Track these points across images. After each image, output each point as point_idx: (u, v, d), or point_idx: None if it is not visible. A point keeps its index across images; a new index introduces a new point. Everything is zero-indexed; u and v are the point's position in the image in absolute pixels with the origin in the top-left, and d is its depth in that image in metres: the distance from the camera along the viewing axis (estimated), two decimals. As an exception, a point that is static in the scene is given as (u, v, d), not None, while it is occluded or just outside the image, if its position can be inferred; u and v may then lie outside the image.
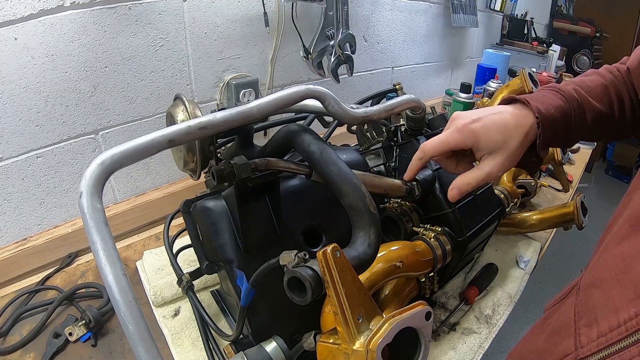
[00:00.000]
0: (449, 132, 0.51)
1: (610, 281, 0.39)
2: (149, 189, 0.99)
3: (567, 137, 0.52)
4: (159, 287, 0.72)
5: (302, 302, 0.38)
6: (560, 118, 0.51)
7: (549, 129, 0.49)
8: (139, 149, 0.39)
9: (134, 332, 0.34)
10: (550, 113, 0.50)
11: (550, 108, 0.50)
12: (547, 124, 0.49)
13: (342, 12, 1.06)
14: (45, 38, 0.73)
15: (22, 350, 0.64)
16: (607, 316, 0.37)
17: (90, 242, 0.35)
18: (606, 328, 0.37)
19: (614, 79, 0.54)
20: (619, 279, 0.38)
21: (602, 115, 0.52)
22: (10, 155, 0.76)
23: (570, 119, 0.51)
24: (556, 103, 0.51)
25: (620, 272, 0.38)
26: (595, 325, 0.38)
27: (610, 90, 0.53)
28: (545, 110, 0.50)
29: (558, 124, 0.50)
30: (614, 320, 0.36)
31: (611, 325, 0.36)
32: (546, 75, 1.41)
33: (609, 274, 0.39)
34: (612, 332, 0.36)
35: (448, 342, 0.69)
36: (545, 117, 0.49)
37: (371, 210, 0.45)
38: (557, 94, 0.52)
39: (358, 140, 0.89)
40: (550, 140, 0.51)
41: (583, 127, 0.52)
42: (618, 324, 0.35)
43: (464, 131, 0.50)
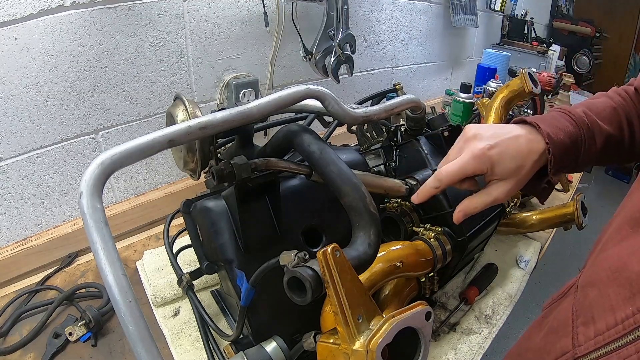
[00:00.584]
0: (466, 159, 0.49)
1: (606, 280, 0.39)
2: (149, 189, 0.99)
3: (576, 162, 0.51)
4: (159, 287, 0.72)
5: (302, 302, 0.38)
6: (570, 144, 0.50)
7: (559, 155, 0.49)
8: (139, 149, 0.39)
9: (134, 332, 0.34)
10: (560, 139, 0.49)
11: (560, 133, 0.50)
12: (558, 150, 0.49)
13: (342, 12, 1.06)
14: (45, 38, 0.73)
15: (22, 350, 0.64)
16: (604, 315, 0.37)
17: (90, 242, 0.35)
18: (603, 326, 0.37)
19: (623, 101, 0.54)
20: (615, 277, 0.38)
21: (611, 138, 0.52)
22: (10, 155, 0.76)
23: (579, 145, 0.51)
24: (566, 128, 0.51)
25: (616, 270, 0.38)
26: (592, 323, 0.38)
27: (620, 112, 0.53)
28: (555, 135, 0.49)
29: (569, 149, 0.50)
30: (611, 318, 0.36)
31: (608, 324, 0.36)
32: (546, 75, 1.41)
33: (606, 273, 0.39)
34: (610, 330, 0.36)
35: (448, 342, 0.69)
36: (555, 144, 0.49)
37: (371, 210, 0.45)
38: (567, 117, 0.52)
39: (358, 140, 0.89)
40: (561, 166, 0.50)
41: (592, 151, 0.51)
42: (615, 323, 0.36)
43: (482, 158, 0.48)
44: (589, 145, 0.51)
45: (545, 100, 1.38)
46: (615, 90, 0.56)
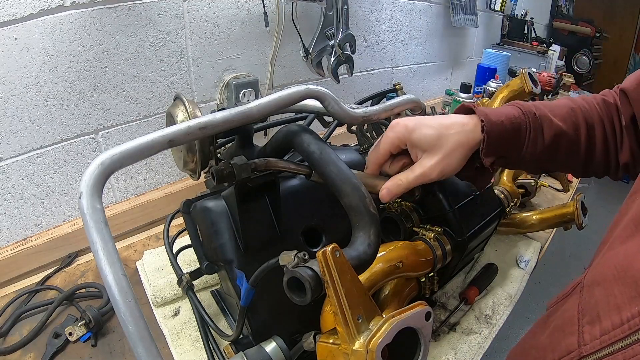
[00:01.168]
0: (385, 135, 0.50)
1: (612, 279, 0.39)
2: (149, 189, 0.99)
3: (518, 152, 0.49)
4: (159, 287, 0.72)
5: (302, 302, 0.38)
6: (510, 128, 0.48)
7: (495, 135, 0.47)
8: (139, 149, 0.39)
9: (134, 332, 0.34)
10: (499, 120, 0.47)
11: (501, 116, 0.48)
12: (493, 129, 0.47)
13: (342, 12, 1.06)
14: (45, 38, 0.73)
15: (22, 350, 0.64)
16: (610, 314, 0.37)
17: (90, 242, 0.35)
18: (609, 326, 0.37)
19: (586, 105, 0.52)
20: (621, 276, 0.38)
21: (563, 135, 0.49)
22: (10, 155, 0.76)
23: (523, 133, 0.48)
24: (509, 113, 0.49)
25: (622, 269, 0.38)
26: (598, 323, 0.38)
27: (578, 113, 0.51)
28: (494, 117, 0.47)
29: (508, 133, 0.48)
30: (617, 318, 0.36)
31: (614, 323, 0.36)
32: (546, 75, 1.41)
33: (611, 271, 0.39)
34: (615, 330, 0.36)
35: (448, 342, 0.69)
36: (491, 123, 0.47)
37: (371, 211, 0.45)
38: (515, 106, 0.51)
39: (358, 140, 0.89)
40: (497, 148, 0.48)
41: (539, 144, 0.49)
42: (621, 322, 0.36)
43: (397, 128, 0.48)
44: (535, 136, 0.49)
45: (545, 100, 1.38)
46: (583, 96, 0.54)
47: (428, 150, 0.47)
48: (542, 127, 0.49)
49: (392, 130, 0.49)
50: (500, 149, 0.48)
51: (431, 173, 0.48)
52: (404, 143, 0.49)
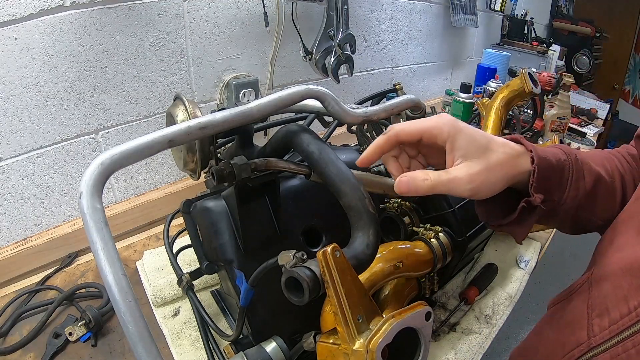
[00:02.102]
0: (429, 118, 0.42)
1: (620, 272, 0.40)
2: (149, 189, 0.99)
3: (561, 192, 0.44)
4: (159, 287, 0.72)
5: (300, 302, 0.38)
6: (556, 166, 0.43)
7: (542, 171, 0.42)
8: (139, 149, 0.39)
9: (134, 332, 0.34)
10: (545, 156, 0.43)
11: (547, 154, 0.44)
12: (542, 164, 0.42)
13: (342, 12, 1.06)
14: (45, 38, 0.73)
15: (22, 350, 0.64)
16: (618, 305, 0.38)
17: (90, 242, 0.35)
18: (617, 316, 0.37)
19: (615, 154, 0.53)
20: (628, 269, 0.38)
21: (602, 181, 0.47)
22: (10, 155, 0.76)
23: (567, 173, 0.44)
24: (554, 152, 0.45)
25: (630, 263, 0.39)
26: (607, 314, 0.39)
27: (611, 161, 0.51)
28: (540, 151, 0.43)
29: (554, 170, 0.43)
30: (624, 307, 0.37)
31: (622, 313, 0.37)
32: (546, 75, 1.41)
33: (619, 266, 0.40)
34: (623, 318, 0.37)
35: (448, 342, 0.69)
36: (539, 156, 0.42)
37: (370, 211, 0.45)
38: (557, 148, 0.47)
39: (358, 140, 0.89)
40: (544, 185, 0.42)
41: (581, 187, 0.45)
42: (629, 311, 0.36)
43: (445, 118, 0.41)
44: (577, 178, 0.45)
45: (545, 100, 1.38)
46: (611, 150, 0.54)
47: (470, 159, 0.40)
48: (584, 171, 0.45)
49: (440, 117, 0.41)
50: (546, 188, 0.42)
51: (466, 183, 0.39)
52: (444, 140, 0.40)
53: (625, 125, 3.12)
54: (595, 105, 2.00)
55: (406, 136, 0.42)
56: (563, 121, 1.44)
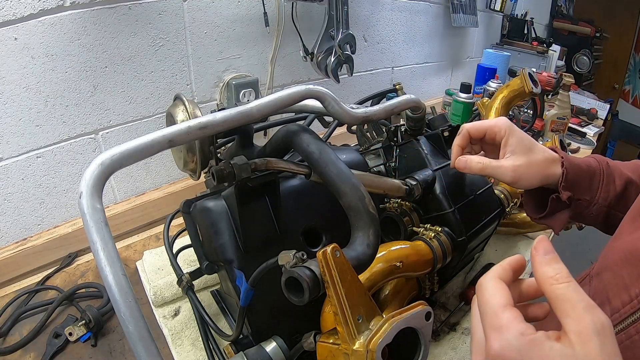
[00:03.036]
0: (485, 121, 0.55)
1: (619, 262, 0.40)
2: (149, 189, 0.99)
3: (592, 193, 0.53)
4: (159, 287, 0.72)
5: (300, 302, 0.38)
6: (585, 170, 0.53)
7: (572, 173, 0.52)
8: (139, 149, 0.39)
9: (134, 332, 0.34)
10: (575, 162, 0.53)
11: (578, 160, 0.54)
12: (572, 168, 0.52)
13: (342, 12, 1.06)
14: (45, 38, 0.73)
15: (22, 350, 0.64)
16: (619, 294, 0.38)
17: (90, 242, 0.35)
18: (619, 304, 0.38)
19: None
20: (628, 258, 0.39)
21: (633, 183, 0.54)
22: (10, 155, 0.76)
23: (597, 177, 0.53)
24: (585, 159, 0.55)
25: (629, 253, 0.39)
26: (608, 304, 0.39)
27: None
28: (572, 158, 0.54)
29: (583, 173, 0.53)
30: (625, 296, 0.37)
31: (623, 301, 0.37)
32: (546, 75, 1.41)
33: (619, 256, 0.41)
34: (625, 307, 0.37)
35: (448, 342, 0.69)
36: (569, 161, 0.53)
37: (370, 211, 0.45)
38: (590, 157, 0.57)
39: (358, 140, 0.89)
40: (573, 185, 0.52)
41: (611, 190, 0.53)
42: (630, 299, 0.37)
43: (504, 120, 0.53)
44: (608, 181, 0.53)
45: (545, 100, 1.38)
46: None
47: (517, 154, 0.52)
48: (614, 175, 0.54)
49: (499, 119, 0.54)
50: (576, 188, 0.53)
51: (511, 171, 0.52)
52: (501, 137, 0.53)
53: (625, 125, 3.11)
54: (595, 105, 2.00)
55: (475, 132, 0.56)
56: (563, 121, 1.44)
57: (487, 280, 0.31)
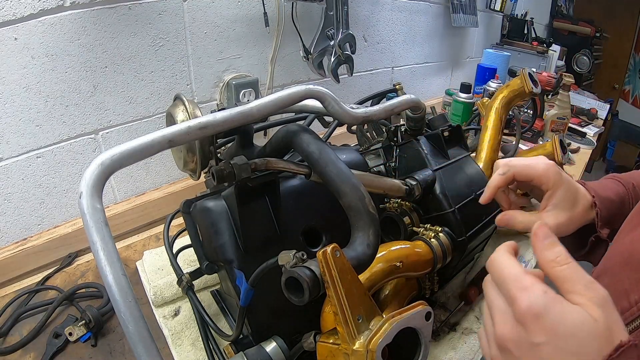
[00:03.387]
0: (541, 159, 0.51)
1: (618, 266, 0.40)
2: (149, 189, 0.99)
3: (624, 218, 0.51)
4: (159, 287, 0.72)
5: (300, 302, 0.38)
6: (617, 200, 0.53)
7: (605, 209, 0.51)
8: (139, 149, 0.39)
9: (134, 332, 0.34)
10: (606, 195, 0.52)
11: (606, 189, 0.53)
12: (603, 204, 0.51)
13: (342, 12, 1.06)
14: (45, 38, 0.73)
15: (22, 350, 0.64)
16: (619, 299, 0.38)
17: (90, 242, 0.35)
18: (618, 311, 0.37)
19: None
20: (627, 262, 0.39)
21: None
22: (10, 155, 0.76)
23: (627, 202, 0.53)
24: (613, 187, 0.54)
25: (628, 255, 0.39)
26: None
27: None
28: (602, 192, 0.52)
29: (615, 205, 0.52)
30: (625, 302, 0.37)
31: (623, 308, 0.37)
32: (546, 75, 1.41)
33: (618, 259, 0.41)
34: (624, 314, 0.36)
35: (448, 342, 0.69)
36: (600, 198, 0.51)
37: (370, 211, 0.45)
38: (614, 180, 0.56)
39: (358, 140, 0.89)
40: (609, 220, 0.51)
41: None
42: (629, 306, 0.36)
43: (554, 169, 0.50)
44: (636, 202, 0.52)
45: (545, 100, 1.38)
46: None
47: (560, 209, 0.50)
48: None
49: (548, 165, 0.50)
50: (610, 222, 0.52)
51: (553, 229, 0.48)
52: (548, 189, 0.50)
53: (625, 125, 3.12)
54: (595, 105, 2.00)
55: (521, 178, 0.51)
56: (563, 121, 1.44)
57: (501, 255, 0.34)
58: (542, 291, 0.30)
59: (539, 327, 0.29)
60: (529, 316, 0.29)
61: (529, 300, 0.29)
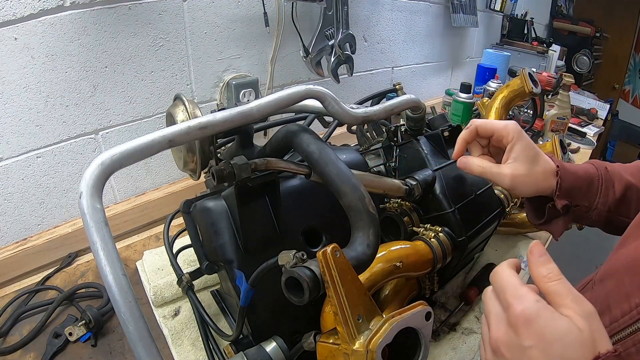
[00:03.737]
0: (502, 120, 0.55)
1: (622, 270, 0.40)
2: (149, 189, 0.99)
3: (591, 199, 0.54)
4: (159, 287, 0.72)
5: (300, 302, 0.38)
6: (584, 177, 0.54)
7: (568, 181, 0.53)
8: (139, 149, 0.39)
9: (134, 332, 0.34)
10: (573, 169, 0.54)
11: (575, 167, 0.55)
12: (567, 175, 0.53)
13: (342, 12, 1.06)
14: (45, 38, 0.73)
15: (22, 350, 0.64)
16: (619, 303, 0.38)
17: (90, 242, 0.35)
18: (618, 314, 0.38)
19: None
20: (631, 266, 0.39)
21: (633, 187, 0.54)
22: (10, 155, 0.76)
23: (596, 184, 0.54)
24: (584, 166, 0.56)
25: (632, 260, 0.40)
26: (608, 312, 0.39)
27: None
28: (569, 166, 0.54)
29: (580, 180, 0.54)
30: (626, 306, 0.37)
31: (623, 311, 0.37)
32: (546, 75, 1.41)
33: (622, 263, 0.41)
34: (624, 317, 0.37)
35: (448, 342, 0.69)
36: (565, 170, 0.53)
37: (370, 211, 0.45)
38: (589, 163, 0.57)
39: (358, 140, 0.89)
40: (570, 193, 0.53)
41: (610, 195, 0.54)
42: (630, 309, 0.37)
43: (515, 126, 0.54)
44: (607, 187, 0.54)
45: (545, 100, 1.38)
46: None
47: (519, 162, 0.53)
48: (613, 181, 0.54)
49: (510, 124, 0.54)
50: (573, 195, 0.54)
51: (510, 178, 0.53)
52: (507, 141, 0.54)
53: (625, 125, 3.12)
54: (595, 105, 2.00)
55: (483, 130, 0.55)
56: (563, 121, 1.44)
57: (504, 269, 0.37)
58: (534, 300, 0.32)
59: (529, 332, 0.31)
60: (521, 321, 0.32)
61: (522, 306, 0.32)
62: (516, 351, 0.32)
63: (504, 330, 0.33)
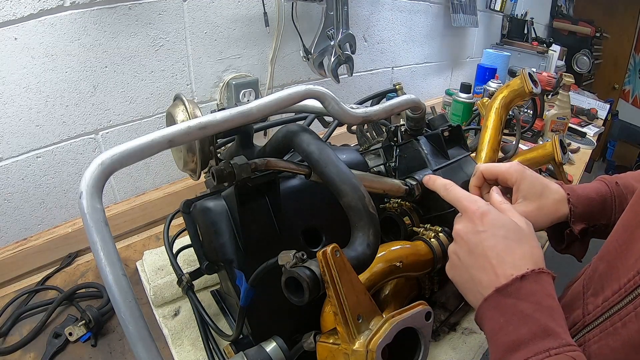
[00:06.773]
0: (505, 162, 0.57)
1: (614, 252, 0.42)
2: (149, 189, 0.99)
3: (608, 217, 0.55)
4: (159, 287, 0.72)
5: (300, 302, 0.38)
6: (596, 198, 0.55)
7: (580, 204, 0.54)
8: (139, 149, 0.39)
9: (134, 332, 0.34)
10: (584, 192, 0.56)
11: (586, 188, 0.56)
12: (579, 200, 0.54)
13: (342, 12, 1.06)
14: (45, 38, 0.73)
15: (22, 350, 0.64)
16: (611, 283, 0.40)
17: (90, 242, 0.35)
18: (609, 293, 0.40)
19: None
20: (622, 249, 0.41)
21: None
22: (10, 155, 0.76)
23: (607, 199, 0.55)
24: (594, 186, 0.57)
25: (623, 242, 0.41)
26: (601, 293, 0.41)
27: None
28: (579, 190, 0.56)
29: (594, 202, 0.55)
30: (616, 285, 0.39)
31: (614, 290, 0.39)
32: (546, 75, 1.41)
33: (614, 246, 0.43)
34: (614, 295, 0.39)
35: (448, 342, 0.69)
36: (576, 195, 0.55)
37: (370, 211, 0.45)
38: (599, 181, 0.58)
39: (358, 140, 0.89)
40: (585, 217, 0.54)
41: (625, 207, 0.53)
42: (619, 287, 0.39)
43: (517, 167, 0.55)
44: (621, 202, 0.55)
45: (545, 100, 1.38)
46: None
47: (529, 200, 0.54)
48: (626, 193, 0.56)
49: (512, 166, 0.56)
50: (589, 217, 0.55)
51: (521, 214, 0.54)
52: (512, 183, 0.56)
53: (625, 125, 3.12)
54: (595, 105, 2.00)
55: (488, 175, 0.57)
56: (563, 121, 1.44)
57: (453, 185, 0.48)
58: (485, 202, 0.45)
59: (483, 222, 0.43)
60: (477, 215, 0.43)
61: (477, 205, 0.44)
62: (472, 236, 0.43)
63: (464, 224, 0.44)
